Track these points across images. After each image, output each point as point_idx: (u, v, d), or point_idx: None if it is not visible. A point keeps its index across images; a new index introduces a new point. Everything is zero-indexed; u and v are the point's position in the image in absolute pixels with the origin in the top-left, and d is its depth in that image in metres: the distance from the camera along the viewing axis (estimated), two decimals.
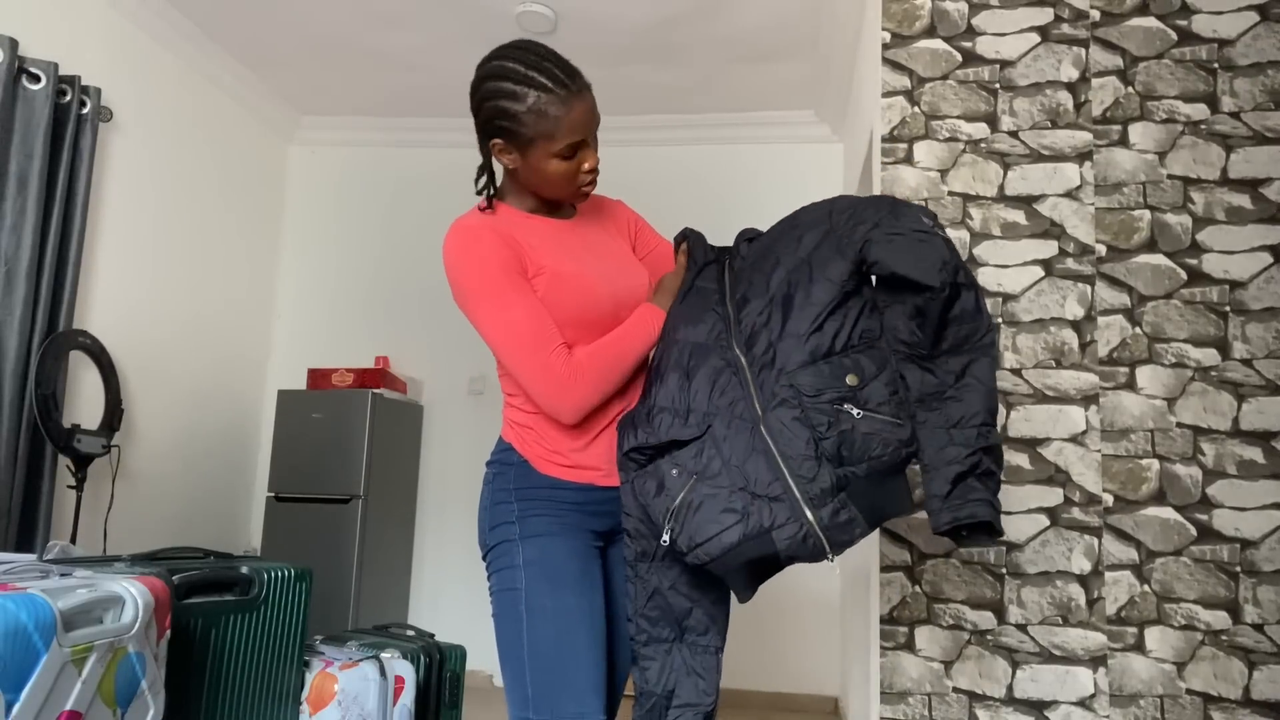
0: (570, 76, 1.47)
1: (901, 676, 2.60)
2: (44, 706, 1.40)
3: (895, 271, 1.36)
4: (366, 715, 2.26)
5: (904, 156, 2.83)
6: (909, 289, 1.37)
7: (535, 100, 1.45)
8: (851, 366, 1.36)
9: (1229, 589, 2.50)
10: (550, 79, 1.45)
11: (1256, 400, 2.56)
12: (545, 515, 1.52)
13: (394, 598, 4.72)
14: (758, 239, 1.61)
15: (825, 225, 1.47)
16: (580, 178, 1.53)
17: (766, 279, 1.47)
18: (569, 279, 1.53)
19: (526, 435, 1.56)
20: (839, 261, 1.41)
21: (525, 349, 1.47)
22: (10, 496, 3.32)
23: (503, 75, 1.48)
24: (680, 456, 1.41)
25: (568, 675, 1.42)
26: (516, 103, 1.46)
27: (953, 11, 2.87)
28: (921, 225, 1.39)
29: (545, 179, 1.52)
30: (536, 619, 1.46)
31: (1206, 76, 2.72)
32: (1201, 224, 2.66)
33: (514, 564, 1.51)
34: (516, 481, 1.55)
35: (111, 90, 3.86)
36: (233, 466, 4.80)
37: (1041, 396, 2.65)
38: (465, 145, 5.61)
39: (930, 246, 1.36)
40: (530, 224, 1.58)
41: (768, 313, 1.42)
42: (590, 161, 1.52)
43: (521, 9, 3.99)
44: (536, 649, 1.45)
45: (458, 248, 1.50)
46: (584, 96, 1.47)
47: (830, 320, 1.38)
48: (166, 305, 4.30)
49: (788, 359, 1.37)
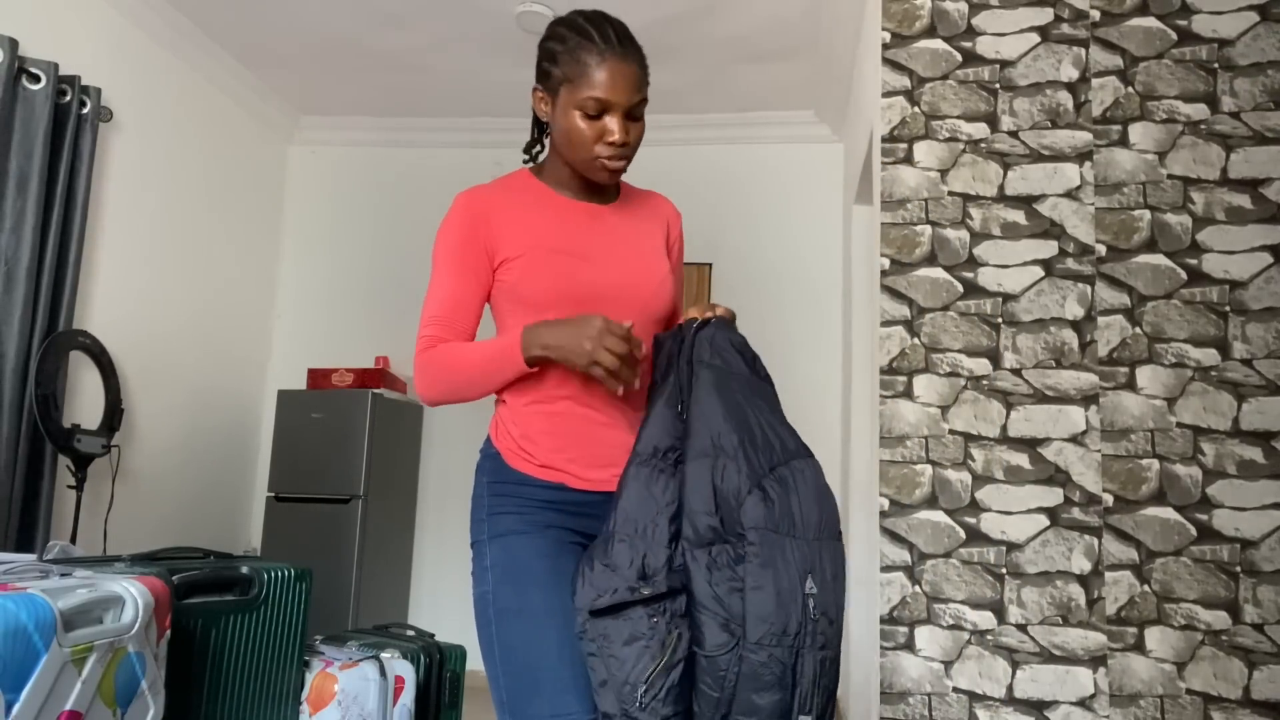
0: (620, 39, 1.46)
1: (901, 676, 2.60)
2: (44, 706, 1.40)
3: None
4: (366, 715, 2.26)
5: (904, 156, 2.83)
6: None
7: (574, 43, 1.46)
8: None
9: (1229, 589, 2.50)
10: (598, 32, 1.45)
11: (1256, 400, 2.56)
12: (513, 513, 1.49)
13: (394, 598, 4.72)
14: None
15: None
16: (599, 147, 1.47)
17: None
18: (548, 255, 1.49)
19: (501, 427, 1.54)
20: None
21: (421, 320, 1.53)
22: (10, 496, 3.32)
23: (560, 23, 1.51)
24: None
25: (539, 678, 1.39)
26: (559, 43, 1.48)
27: (953, 11, 2.87)
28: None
29: (567, 136, 1.48)
30: (504, 622, 1.44)
31: (1206, 76, 2.72)
32: (1201, 224, 2.66)
33: (483, 566, 1.49)
34: (491, 474, 1.53)
35: (111, 90, 3.86)
36: (233, 466, 4.80)
37: (1041, 396, 2.65)
38: (465, 145, 5.61)
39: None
40: (543, 201, 1.55)
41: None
42: (616, 131, 1.45)
43: (521, 9, 3.99)
44: (507, 653, 1.42)
45: (443, 228, 1.56)
46: (625, 59, 1.45)
47: None
48: (166, 305, 4.30)
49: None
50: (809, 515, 1.36)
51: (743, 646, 1.30)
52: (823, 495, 1.39)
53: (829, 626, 1.32)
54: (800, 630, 1.30)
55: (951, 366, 2.71)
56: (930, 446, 2.69)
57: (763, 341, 5.56)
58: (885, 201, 2.83)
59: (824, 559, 1.34)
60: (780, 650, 1.30)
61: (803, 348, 4.71)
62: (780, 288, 4.79)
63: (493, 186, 1.57)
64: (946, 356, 2.72)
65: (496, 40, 4.29)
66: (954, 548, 2.63)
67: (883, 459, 2.72)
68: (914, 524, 2.65)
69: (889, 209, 2.82)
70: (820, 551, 1.35)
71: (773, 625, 1.30)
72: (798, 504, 1.36)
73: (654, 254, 1.60)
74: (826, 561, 1.34)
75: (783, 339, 4.73)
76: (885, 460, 2.71)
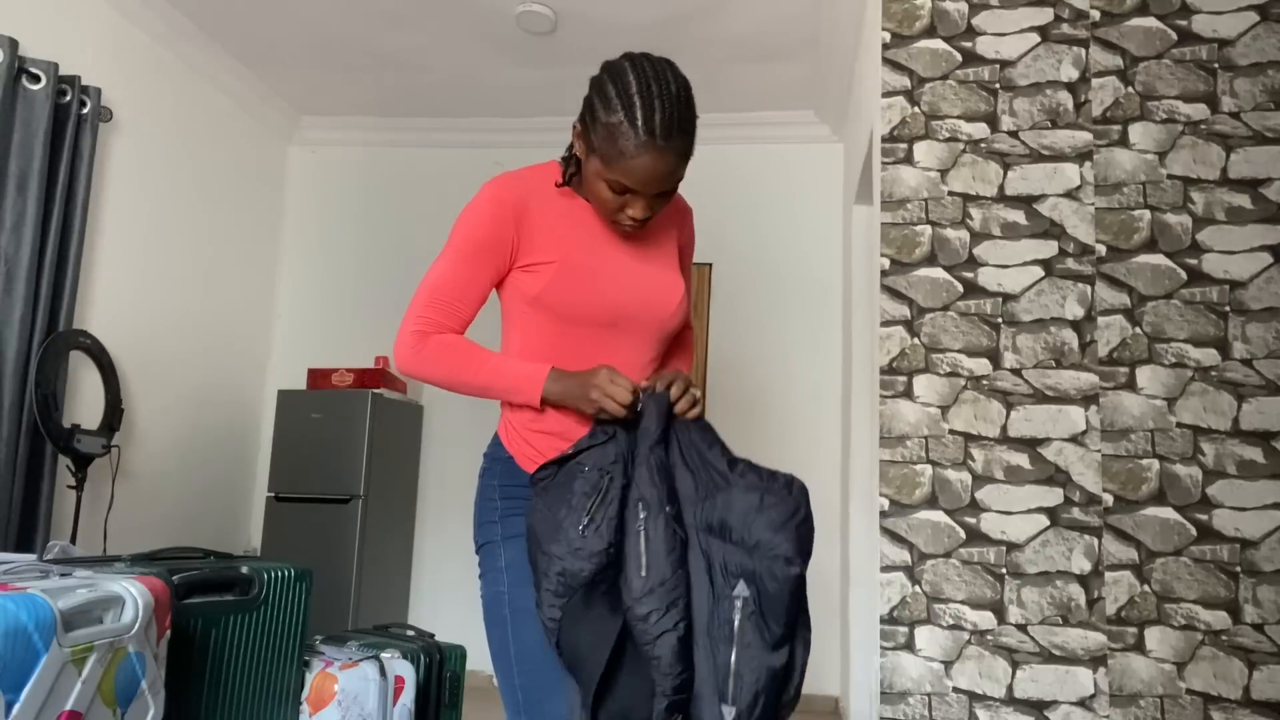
0: (665, 129, 1.38)
1: (901, 676, 2.60)
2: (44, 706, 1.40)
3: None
4: (366, 715, 2.26)
5: (904, 156, 2.83)
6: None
7: (617, 122, 1.39)
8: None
9: (1229, 589, 2.50)
10: (644, 116, 1.38)
11: (1256, 400, 2.56)
12: (527, 515, 1.50)
13: (394, 598, 4.72)
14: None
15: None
16: (620, 216, 1.48)
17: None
18: (579, 272, 1.51)
19: (514, 432, 1.55)
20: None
21: (421, 295, 1.50)
22: (10, 496, 3.32)
23: (618, 79, 1.43)
24: None
25: (556, 677, 1.41)
26: (606, 111, 1.41)
27: (953, 11, 2.87)
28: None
29: (591, 190, 1.49)
30: (520, 621, 1.45)
31: (1206, 76, 2.72)
32: (1201, 224, 2.66)
33: (497, 566, 1.50)
34: (502, 478, 1.54)
35: (111, 90, 3.86)
36: (233, 466, 4.80)
37: (1041, 396, 2.65)
38: (465, 145, 5.61)
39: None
40: (574, 208, 1.56)
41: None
42: (636, 212, 1.46)
43: (521, 9, 3.99)
44: (523, 652, 1.44)
45: (473, 205, 1.53)
46: (662, 153, 1.39)
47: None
48: (166, 305, 4.30)
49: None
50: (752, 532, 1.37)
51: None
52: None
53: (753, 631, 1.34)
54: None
55: (951, 366, 2.71)
56: (930, 446, 2.69)
57: (763, 342, 5.55)
58: (885, 201, 2.83)
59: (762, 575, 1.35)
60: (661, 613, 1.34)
61: (803, 348, 4.71)
62: (780, 288, 4.79)
63: (527, 179, 1.55)
64: (946, 356, 2.72)
65: (496, 40, 4.29)
66: (954, 548, 2.63)
67: (883, 459, 2.72)
68: (914, 524, 2.65)
69: (889, 209, 2.82)
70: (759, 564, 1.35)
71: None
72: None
73: (672, 272, 1.62)
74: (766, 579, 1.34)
75: (783, 339, 4.73)
76: (885, 460, 2.71)
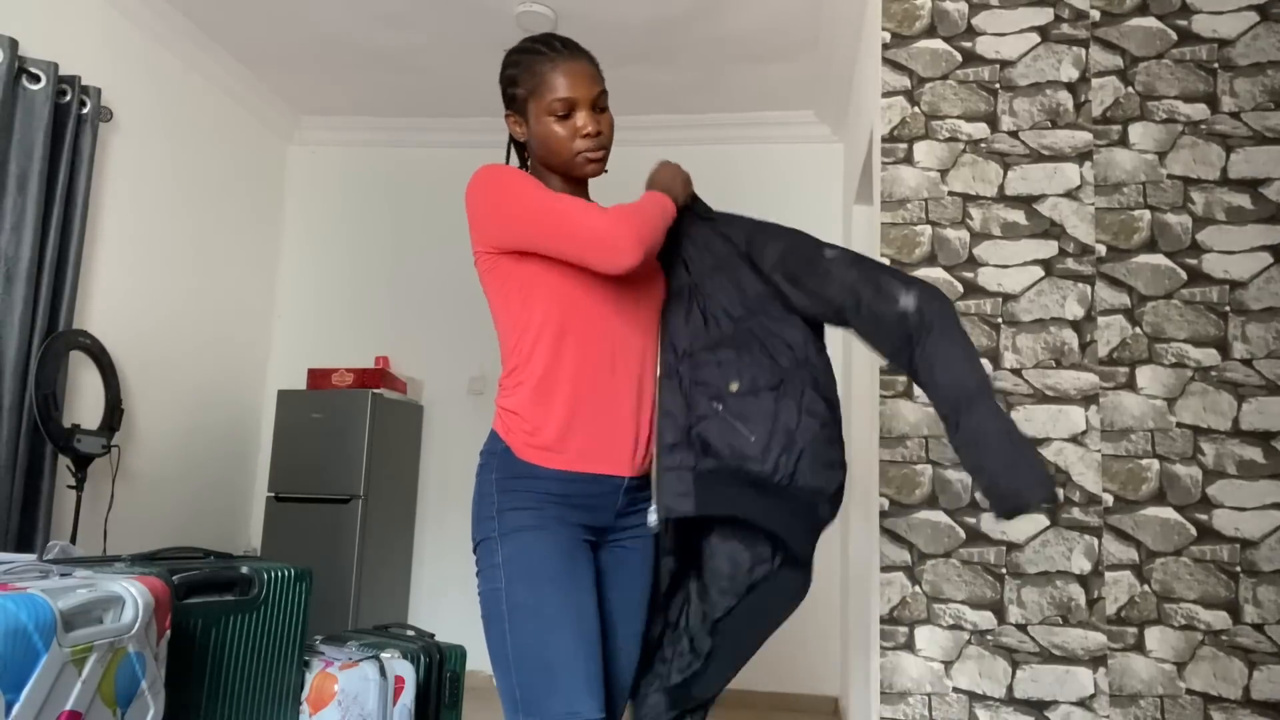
0: (564, 44, 1.57)
1: (901, 676, 2.60)
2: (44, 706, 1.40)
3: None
4: (366, 715, 2.26)
5: (904, 156, 2.83)
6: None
7: (528, 60, 1.57)
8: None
9: (1229, 589, 2.50)
10: (545, 45, 1.57)
11: (1256, 400, 2.56)
12: (524, 509, 1.50)
13: (394, 598, 4.72)
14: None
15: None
16: (577, 143, 1.55)
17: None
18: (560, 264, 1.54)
19: (511, 420, 1.55)
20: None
21: (568, 214, 1.47)
22: (10, 496, 3.32)
23: (511, 51, 1.63)
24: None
25: (555, 674, 1.40)
26: (514, 67, 1.60)
27: (953, 11, 2.87)
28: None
29: (545, 144, 1.57)
30: (518, 618, 1.44)
31: (1206, 76, 2.72)
32: (1201, 224, 2.66)
33: (494, 563, 1.49)
34: (499, 471, 1.53)
35: (111, 90, 3.86)
36: (233, 466, 4.80)
37: (1041, 396, 2.65)
38: (465, 145, 5.61)
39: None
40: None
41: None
42: (588, 125, 1.55)
43: (521, 9, 3.99)
44: (521, 649, 1.43)
45: (496, 169, 1.55)
46: (574, 59, 1.56)
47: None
48: (166, 305, 4.30)
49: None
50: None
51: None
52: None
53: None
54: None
55: None
56: (930, 446, 2.69)
57: None
58: (885, 201, 2.83)
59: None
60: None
61: None
62: None
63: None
64: None
65: (496, 40, 4.26)
66: (954, 548, 2.63)
67: (883, 459, 2.72)
68: (914, 524, 2.65)
69: (889, 209, 2.82)
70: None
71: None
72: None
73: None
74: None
75: None
76: (885, 460, 2.71)
